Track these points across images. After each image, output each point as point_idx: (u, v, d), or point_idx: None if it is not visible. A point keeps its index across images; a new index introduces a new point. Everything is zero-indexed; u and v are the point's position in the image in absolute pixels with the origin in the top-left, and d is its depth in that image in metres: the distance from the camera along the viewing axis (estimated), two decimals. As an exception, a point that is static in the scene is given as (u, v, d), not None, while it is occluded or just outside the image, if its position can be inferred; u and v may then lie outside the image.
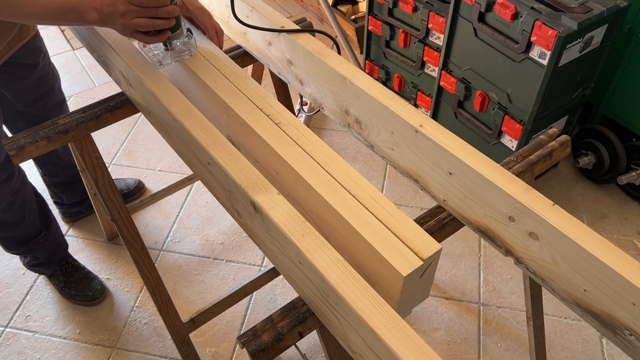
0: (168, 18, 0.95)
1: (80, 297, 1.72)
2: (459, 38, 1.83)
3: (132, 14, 0.92)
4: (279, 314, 0.82)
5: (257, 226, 0.83)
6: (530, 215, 0.76)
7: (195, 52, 1.07)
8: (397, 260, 0.74)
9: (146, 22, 0.93)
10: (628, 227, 1.94)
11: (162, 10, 0.94)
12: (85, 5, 0.92)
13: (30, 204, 1.55)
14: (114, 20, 0.93)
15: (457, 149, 0.84)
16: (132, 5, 0.91)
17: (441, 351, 1.63)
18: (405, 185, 2.11)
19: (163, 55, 1.03)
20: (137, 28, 0.93)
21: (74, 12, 0.92)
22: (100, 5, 0.92)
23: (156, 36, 0.97)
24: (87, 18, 0.93)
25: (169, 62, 1.04)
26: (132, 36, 0.96)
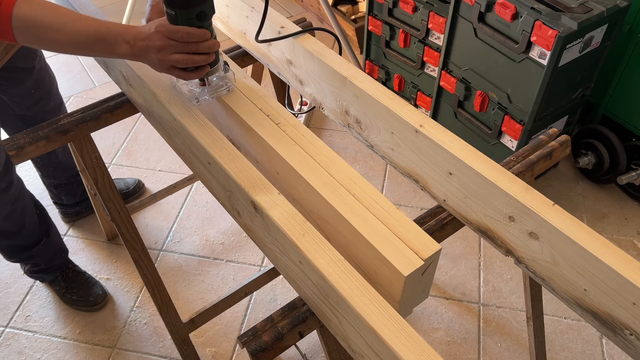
0: (208, 53, 0.88)
1: (81, 303, 1.71)
2: (459, 38, 1.83)
3: (171, 49, 0.85)
4: (279, 313, 0.82)
5: (257, 226, 0.83)
6: (531, 215, 0.76)
7: (232, 86, 0.99)
8: (398, 260, 0.74)
9: (186, 58, 0.86)
10: (628, 227, 1.94)
11: (202, 45, 0.86)
12: (116, 37, 0.85)
13: (30, 212, 1.53)
14: (149, 55, 0.86)
15: (457, 149, 0.84)
16: (171, 40, 0.84)
17: (441, 351, 1.63)
18: (405, 185, 2.11)
19: (200, 91, 0.96)
20: (175, 64, 0.86)
21: (104, 43, 0.86)
22: (134, 38, 0.86)
23: (194, 72, 0.89)
24: (118, 50, 0.86)
25: (207, 99, 0.97)
26: (168, 72, 0.88)
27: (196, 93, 0.96)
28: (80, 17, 0.86)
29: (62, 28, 0.84)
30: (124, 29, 0.86)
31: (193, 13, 0.83)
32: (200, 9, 0.84)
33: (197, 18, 0.84)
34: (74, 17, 0.85)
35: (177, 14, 0.83)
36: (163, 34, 0.84)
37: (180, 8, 0.82)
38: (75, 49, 0.87)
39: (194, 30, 0.84)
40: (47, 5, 0.85)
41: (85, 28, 0.85)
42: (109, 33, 0.85)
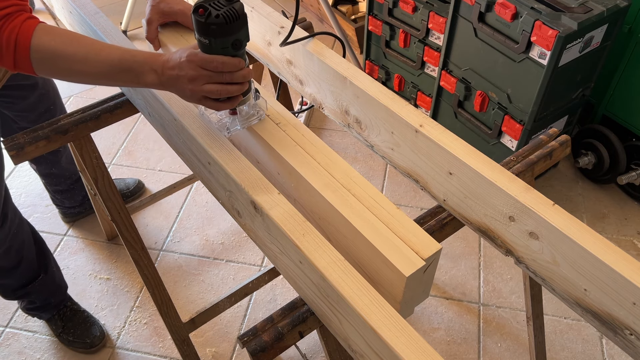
0: (242, 83, 0.84)
1: (78, 344, 1.60)
2: (459, 38, 1.83)
3: (204, 79, 0.80)
4: (279, 313, 0.82)
5: (257, 226, 0.83)
6: (531, 215, 0.76)
7: (264, 115, 0.93)
8: (400, 261, 0.74)
9: (219, 89, 0.81)
10: (628, 227, 1.94)
11: (237, 74, 0.82)
12: (143, 66, 0.81)
13: (28, 247, 1.45)
14: (180, 85, 0.81)
15: (457, 148, 0.84)
16: (203, 70, 0.80)
17: (441, 351, 1.63)
18: (405, 185, 2.11)
19: (230, 121, 0.91)
20: (208, 95, 0.82)
21: (130, 72, 0.82)
22: (162, 67, 0.81)
23: (227, 102, 0.85)
24: (145, 80, 0.82)
25: (238, 129, 0.92)
26: (199, 102, 0.84)
27: (227, 123, 0.91)
28: (103, 46, 0.82)
29: (85, 58, 0.80)
30: (151, 57, 0.82)
31: (228, 42, 0.79)
32: (236, 37, 0.80)
33: (232, 47, 0.80)
34: (97, 46, 0.81)
35: (211, 42, 0.79)
36: (196, 63, 0.79)
37: (215, 37, 0.78)
38: (100, 80, 0.83)
39: (229, 60, 0.80)
40: (67, 35, 0.81)
41: (109, 57, 0.81)
42: (135, 62, 0.81)
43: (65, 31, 0.82)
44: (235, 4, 0.78)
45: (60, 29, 0.82)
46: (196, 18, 0.77)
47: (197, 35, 0.80)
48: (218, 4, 0.78)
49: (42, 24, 0.80)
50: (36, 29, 0.79)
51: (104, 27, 1.09)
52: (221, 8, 0.77)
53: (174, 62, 0.81)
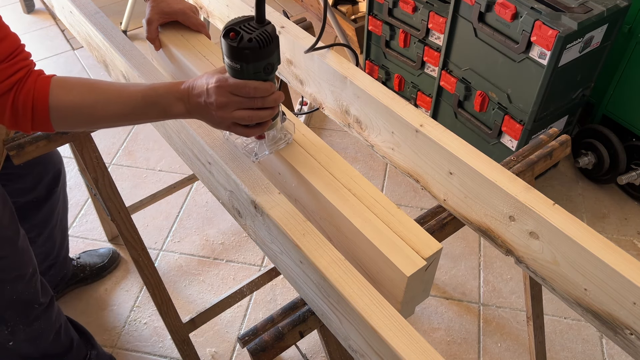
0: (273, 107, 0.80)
1: None
2: (459, 38, 1.83)
3: (234, 105, 0.76)
4: (280, 313, 0.82)
5: (257, 226, 0.83)
6: (531, 215, 0.76)
7: (291, 139, 0.89)
8: (401, 261, 0.74)
9: (251, 115, 0.77)
10: (628, 227, 1.94)
11: (269, 99, 0.78)
12: (168, 98, 0.78)
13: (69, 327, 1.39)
14: (208, 113, 0.77)
15: (458, 148, 0.84)
16: (234, 96, 0.75)
17: (441, 351, 1.63)
18: (405, 185, 2.11)
19: (258, 146, 0.87)
20: (239, 121, 0.77)
21: (156, 107, 0.78)
22: (187, 95, 0.78)
23: (257, 128, 0.80)
24: (172, 111, 0.79)
25: (266, 154, 0.88)
26: (228, 129, 0.80)
27: (255, 148, 0.86)
28: (122, 87, 0.79)
29: (107, 104, 0.77)
30: (173, 86, 0.78)
31: (261, 66, 0.75)
32: (269, 61, 0.76)
33: (264, 71, 0.76)
34: (115, 88, 0.78)
35: (242, 67, 0.75)
36: (225, 89, 0.75)
37: (247, 62, 0.74)
38: (125, 121, 0.80)
39: (261, 85, 0.76)
40: (83, 84, 0.78)
41: (131, 97, 0.78)
42: (159, 95, 0.78)
43: (80, 80, 0.79)
44: (267, 26, 0.74)
45: (74, 78, 0.79)
46: (228, 43, 0.73)
47: (227, 60, 0.75)
48: (249, 27, 0.74)
49: (54, 78, 0.77)
50: (51, 86, 0.75)
51: (104, 27, 1.09)
52: (253, 31, 0.73)
53: (200, 89, 0.77)
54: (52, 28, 2.95)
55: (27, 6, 3.04)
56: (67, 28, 1.41)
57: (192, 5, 1.14)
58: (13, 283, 1.16)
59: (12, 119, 0.75)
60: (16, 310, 1.20)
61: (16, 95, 0.74)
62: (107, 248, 1.85)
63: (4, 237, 1.12)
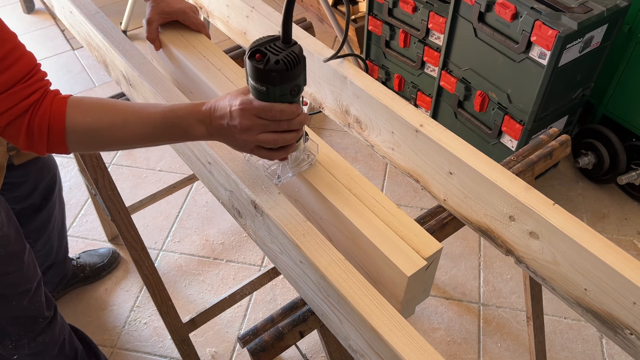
0: (299, 129, 0.77)
1: None
2: (459, 38, 1.83)
3: (258, 128, 0.73)
4: (280, 313, 0.83)
5: (257, 226, 0.83)
6: (531, 215, 0.76)
7: (315, 160, 0.86)
8: (401, 261, 0.74)
9: (276, 138, 0.74)
10: (628, 227, 1.94)
11: (294, 121, 0.75)
12: (188, 119, 0.75)
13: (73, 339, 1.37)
14: (231, 135, 0.75)
15: (458, 148, 0.84)
16: (259, 119, 0.72)
17: (441, 351, 1.63)
18: (405, 185, 2.11)
19: (281, 168, 0.83)
20: (263, 145, 0.75)
21: (176, 128, 0.75)
22: (209, 117, 0.75)
23: (282, 151, 0.77)
24: (193, 133, 0.76)
25: (289, 176, 0.85)
26: (251, 152, 0.77)
27: (277, 170, 0.83)
28: (141, 109, 0.76)
29: (125, 125, 0.75)
30: (194, 108, 0.76)
31: (287, 88, 0.72)
32: (296, 83, 0.73)
33: (290, 93, 0.73)
34: (134, 109, 0.76)
35: (268, 90, 0.71)
36: (250, 112, 0.72)
37: (274, 84, 0.71)
38: (143, 143, 0.77)
39: (288, 107, 0.73)
40: (100, 105, 0.76)
41: (150, 118, 0.75)
42: (179, 117, 0.75)
43: (97, 101, 0.76)
44: (294, 46, 0.71)
45: (91, 99, 0.76)
46: (253, 64, 0.70)
47: (252, 82, 0.72)
48: (276, 47, 0.71)
49: (71, 99, 0.74)
50: (67, 108, 0.73)
51: (104, 27, 1.09)
52: (280, 52, 0.70)
53: (223, 111, 0.74)
54: (52, 28, 2.96)
55: (27, 6, 3.04)
56: (67, 28, 1.41)
57: (192, 5, 1.14)
58: (19, 298, 1.14)
59: (27, 142, 0.73)
60: (21, 324, 1.19)
61: (32, 117, 0.71)
62: (107, 248, 1.85)
63: (11, 253, 1.10)
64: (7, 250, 1.09)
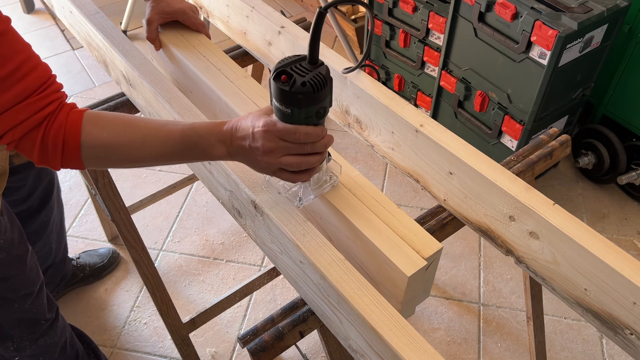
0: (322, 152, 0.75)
1: None
2: (459, 38, 1.83)
3: (282, 151, 0.71)
4: (280, 313, 0.82)
5: (257, 226, 0.83)
6: (531, 215, 0.76)
7: (337, 181, 0.83)
8: (401, 261, 0.74)
9: (299, 161, 0.72)
10: (628, 227, 1.94)
11: (319, 144, 0.73)
12: (209, 139, 0.73)
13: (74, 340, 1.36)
14: (253, 157, 0.72)
15: (458, 148, 0.84)
16: (282, 142, 0.70)
17: (441, 351, 1.63)
18: (405, 185, 2.11)
19: (302, 190, 0.80)
20: (286, 168, 0.73)
21: (195, 148, 0.73)
22: (230, 137, 0.73)
23: (305, 173, 0.75)
24: (213, 153, 0.74)
25: (311, 198, 0.82)
26: (273, 175, 0.75)
27: (299, 192, 0.80)
28: (160, 126, 0.74)
29: (143, 143, 0.72)
30: (215, 127, 0.73)
31: (313, 111, 0.70)
32: (322, 105, 0.70)
33: (316, 115, 0.71)
34: (153, 126, 0.74)
35: (293, 112, 0.69)
36: (273, 134, 0.70)
37: (300, 107, 0.69)
38: (161, 161, 0.75)
39: (313, 130, 0.71)
40: (118, 120, 0.73)
41: (169, 136, 0.72)
42: (199, 136, 0.72)
43: (114, 116, 0.74)
44: (320, 67, 0.69)
45: (109, 114, 0.74)
46: (279, 86, 0.68)
47: (277, 103, 0.69)
48: (302, 68, 0.69)
49: (87, 113, 0.72)
50: (83, 122, 0.71)
51: (104, 27, 1.09)
52: (306, 74, 0.68)
53: (245, 132, 0.71)
54: (52, 28, 2.96)
55: (27, 6, 3.04)
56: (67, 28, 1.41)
57: (192, 5, 1.14)
58: (21, 301, 1.14)
59: (41, 156, 0.71)
60: (23, 327, 1.18)
61: (46, 130, 0.69)
62: (107, 248, 1.85)
63: (15, 257, 1.10)
64: (10, 254, 1.08)
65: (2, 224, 1.05)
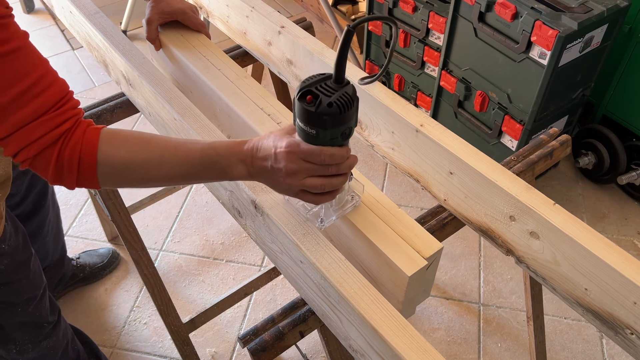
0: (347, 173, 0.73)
1: None
2: (459, 38, 1.83)
3: (306, 172, 0.69)
4: (280, 313, 0.82)
5: (258, 226, 0.83)
6: (531, 215, 0.76)
7: (359, 201, 0.81)
8: (402, 261, 0.74)
9: (323, 183, 0.70)
10: (628, 227, 1.94)
11: (344, 165, 0.71)
12: (229, 159, 0.71)
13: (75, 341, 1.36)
14: (275, 178, 0.70)
15: (458, 148, 0.84)
16: (306, 163, 0.68)
17: (441, 351, 1.63)
18: (405, 185, 2.11)
19: (324, 211, 0.78)
20: (310, 190, 0.70)
21: (215, 167, 0.71)
22: (250, 156, 0.70)
23: (328, 195, 0.73)
24: (232, 173, 0.72)
25: (333, 219, 0.79)
26: (295, 196, 0.73)
27: (320, 213, 0.78)
28: (178, 144, 0.72)
29: (161, 162, 0.70)
30: (235, 146, 0.71)
31: (339, 132, 0.68)
32: (348, 125, 0.68)
33: (342, 136, 0.69)
34: (171, 145, 0.71)
35: (319, 133, 0.67)
36: (297, 155, 0.68)
37: (325, 128, 0.66)
38: (178, 181, 0.74)
39: (338, 151, 0.69)
40: (135, 138, 0.71)
41: (188, 156, 0.71)
42: (219, 155, 0.71)
43: (132, 134, 0.72)
44: (347, 87, 0.67)
45: (126, 132, 0.72)
46: (304, 107, 0.66)
47: (302, 124, 0.67)
48: (328, 88, 0.66)
49: (104, 130, 0.70)
50: (100, 140, 0.69)
51: (103, 27, 1.09)
52: (332, 94, 0.65)
53: (266, 152, 0.69)
54: (52, 28, 2.95)
55: (27, 6, 3.04)
56: (67, 28, 1.41)
57: (192, 5, 1.13)
58: (24, 305, 1.13)
59: (55, 175, 0.68)
60: (25, 330, 1.18)
61: (62, 148, 0.67)
62: (106, 248, 1.85)
63: (19, 262, 1.09)
64: (14, 259, 1.07)
65: (6, 229, 1.04)
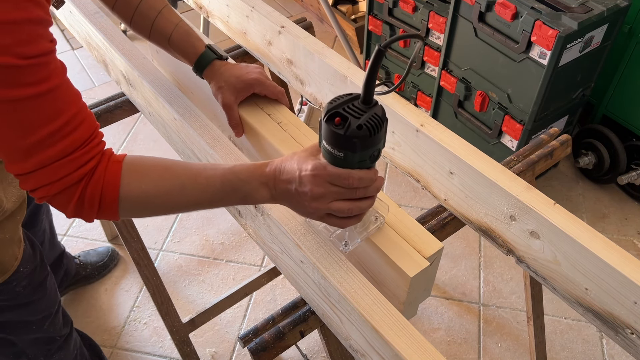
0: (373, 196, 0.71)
1: None
2: (459, 38, 1.83)
3: (332, 196, 0.66)
4: (280, 313, 0.82)
5: (258, 225, 0.83)
6: (532, 214, 0.76)
7: (384, 221, 0.78)
8: (403, 262, 0.74)
9: (350, 207, 0.68)
10: (628, 227, 1.94)
11: (371, 188, 0.68)
12: (251, 183, 0.69)
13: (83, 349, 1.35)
14: (299, 202, 0.68)
15: (458, 148, 0.84)
16: (333, 186, 0.66)
17: (441, 351, 1.63)
18: (405, 185, 2.10)
19: (348, 233, 0.75)
20: (336, 214, 0.68)
21: (237, 193, 0.69)
22: (273, 179, 0.68)
23: (354, 218, 0.70)
24: (255, 197, 0.70)
25: (358, 242, 0.76)
26: (320, 220, 0.70)
27: (344, 236, 0.75)
28: (198, 171, 0.69)
29: (182, 190, 0.68)
30: (256, 169, 0.69)
31: (368, 155, 0.65)
32: (377, 147, 0.66)
33: (370, 159, 0.66)
34: (192, 172, 0.69)
35: (347, 156, 0.64)
36: (324, 178, 0.65)
37: (354, 151, 0.64)
38: (201, 207, 0.72)
39: (366, 174, 0.66)
40: (156, 168, 0.69)
41: (209, 182, 0.69)
42: (240, 180, 0.69)
43: (154, 163, 0.70)
44: (376, 108, 0.64)
45: (147, 161, 0.70)
46: (332, 129, 0.63)
47: (329, 147, 0.65)
48: (356, 110, 0.64)
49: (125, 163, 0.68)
50: (122, 173, 0.66)
51: (103, 27, 1.09)
52: (361, 115, 0.63)
53: (291, 175, 0.67)
54: (51, 28, 2.95)
55: (26, 6, 3.04)
56: (66, 28, 1.41)
57: (261, 68, 0.98)
58: (40, 323, 1.13)
59: (75, 211, 0.66)
60: (39, 345, 1.17)
61: (85, 187, 0.65)
62: (105, 247, 1.86)
63: (37, 282, 1.07)
64: (32, 281, 1.06)
65: (25, 252, 1.02)
